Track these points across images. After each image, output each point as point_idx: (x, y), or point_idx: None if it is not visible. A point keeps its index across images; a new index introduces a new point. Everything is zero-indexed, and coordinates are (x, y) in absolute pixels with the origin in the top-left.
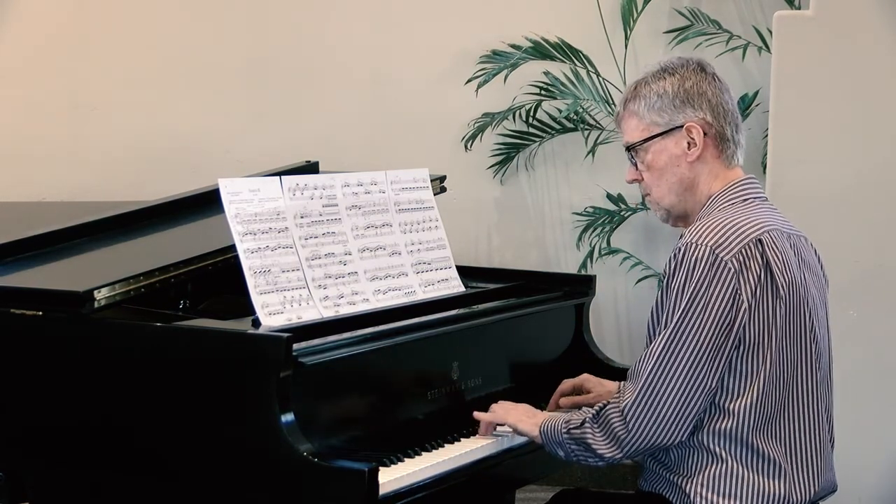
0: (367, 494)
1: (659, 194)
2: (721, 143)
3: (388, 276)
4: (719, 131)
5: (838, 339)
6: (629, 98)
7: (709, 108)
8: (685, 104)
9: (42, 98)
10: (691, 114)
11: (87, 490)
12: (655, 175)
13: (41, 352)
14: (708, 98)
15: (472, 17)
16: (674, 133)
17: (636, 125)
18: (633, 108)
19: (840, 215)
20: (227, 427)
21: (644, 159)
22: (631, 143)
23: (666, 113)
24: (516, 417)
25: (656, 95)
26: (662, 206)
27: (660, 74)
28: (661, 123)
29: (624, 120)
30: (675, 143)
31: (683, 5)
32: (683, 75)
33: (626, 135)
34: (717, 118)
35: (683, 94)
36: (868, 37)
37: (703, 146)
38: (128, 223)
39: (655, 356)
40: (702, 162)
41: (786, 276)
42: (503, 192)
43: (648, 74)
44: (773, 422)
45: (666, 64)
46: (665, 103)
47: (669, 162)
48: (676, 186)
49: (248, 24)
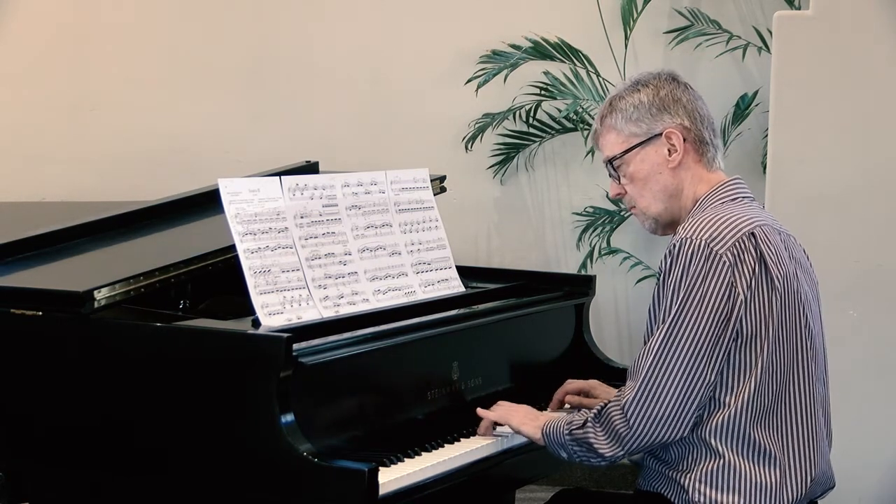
0: (367, 494)
1: (644, 204)
2: (701, 146)
3: (388, 276)
4: (698, 135)
5: (838, 339)
6: (605, 114)
7: (685, 113)
8: (662, 111)
9: (42, 98)
10: (669, 120)
11: (87, 490)
12: (639, 185)
13: (41, 352)
14: (683, 104)
15: (472, 17)
16: (653, 141)
17: (615, 139)
18: (610, 123)
19: (840, 215)
20: (227, 427)
21: (626, 172)
22: (612, 157)
23: (644, 122)
24: (519, 420)
25: (632, 107)
26: (650, 216)
27: (633, 87)
28: (640, 133)
29: (602, 136)
30: (655, 150)
31: (683, 5)
32: (657, 86)
33: (605, 150)
34: (695, 122)
35: (659, 103)
36: (868, 37)
37: (683, 151)
38: (128, 223)
39: (654, 352)
40: (683, 167)
41: (780, 268)
42: (503, 192)
43: (621, 89)
44: (769, 414)
45: (638, 77)
46: (642, 113)
47: (652, 170)
48: (661, 194)
49: (248, 24)
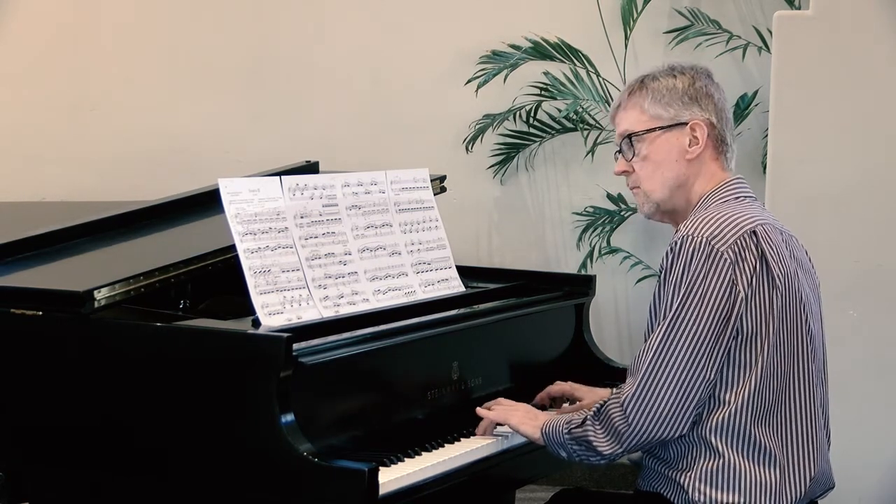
0: (367, 494)
1: (650, 188)
2: (721, 145)
3: (388, 276)
4: (720, 134)
5: (838, 338)
6: (634, 90)
7: (714, 110)
8: (693, 102)
9: (42, 98)
10: (698, 112)
11: (87, 490)
12: (650, 168)
13: (41, 352)
14: (714, 101)
15: (472, 18)
16: (676, 128)
17: (637, 116)
18: (637, 100)
19: (840, 215)
20: (227, 427)
21: (640, 150)
22: (631, 132)
23: (672, 108)
24: (518, 420)
25: (666, 90)
26: (652, 200)
27: (669, 72)
28: (666, 117)
29: (624, 110)
30: (676, 138)
31: (683, 5)
32: (693, 76)
33: (624, 124)
34: (720, 122)
35: (693, 93)
36: (868, 37)
37: (703, 146)
38: (128, 223)
39: (654, 349)
40: (699, 161)
41: (781, 267)
42: (503, 192)
43: (656, 71)
44: (769, 413)
45: (675, 64)
46: (674, 98)
47: (668, 157)
48: (671, 182)
49: (248, 24)
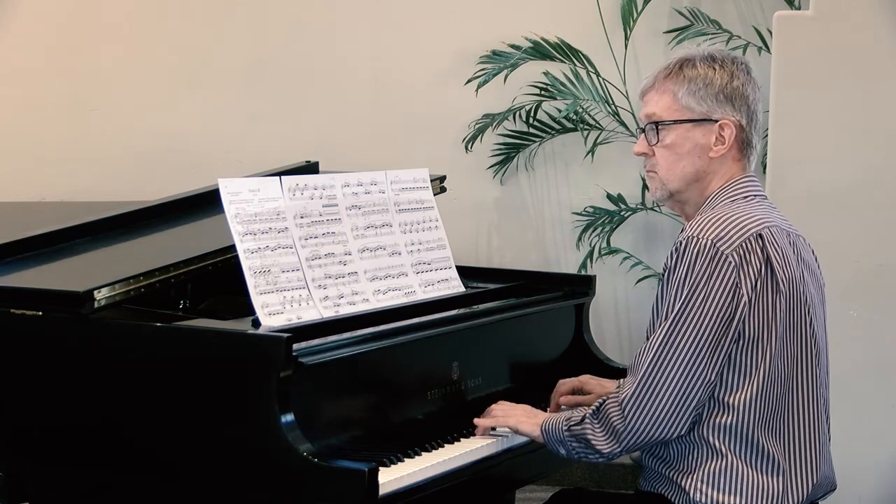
0: (367, 494)
1: (668, 177)
2: (746, 148)
3: (388, 276)
4: (748, 137)
5: (838, 338)
6: (671, 74)
7: (747, 112)
8: (728, 101)
9: (42, 98)
10: (730, 112)
11: (87, 490)
12: (672, 158)
13: (41, 352)
14: (748, 103)
15: (472, 17)
16: (705, 125)
17: (668, 103)
18: (671, 86)
19: (840, 215)
20: (228, 427)
21: (665, 138)
22: (659, 120)
23: (706, 103)
24: (517, 419)
25: (702, 82)
26: (667, 188)
27: (710, 62)
28: (697, 111)
29: (657, 92)
30: (703, 133)
31: (683, 5)
32: (733, 72)
33: (653, 106)
34: (750, 123)
35: (730, 91)
36: (868, 37)
37: (729, 147)
38: (128, 223)
39: (654, 349)
40: (722, 161)
41: (786, 271)
42: (503, 193)
43: (696, 58)
44: (772, 418)
45: (716, 53)
46: (709, 93)
47: (691, 150)
48: (690, 176)
49: (249, 24)
